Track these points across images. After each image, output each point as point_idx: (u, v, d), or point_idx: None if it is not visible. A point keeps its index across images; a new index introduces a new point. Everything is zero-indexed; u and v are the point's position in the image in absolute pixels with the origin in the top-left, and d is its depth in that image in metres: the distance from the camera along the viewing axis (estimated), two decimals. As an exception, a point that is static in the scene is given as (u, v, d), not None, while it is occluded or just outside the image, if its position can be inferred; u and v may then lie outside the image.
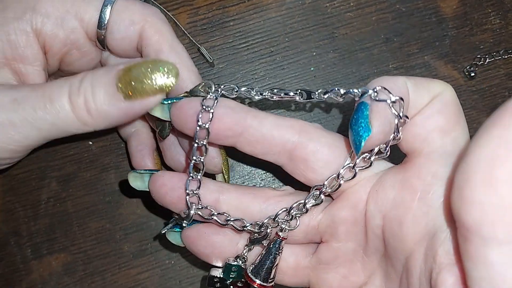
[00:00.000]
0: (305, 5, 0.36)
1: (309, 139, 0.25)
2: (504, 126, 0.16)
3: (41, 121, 0.24)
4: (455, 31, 0.36)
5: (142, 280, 0.35)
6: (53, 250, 0.35)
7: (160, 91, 0.24)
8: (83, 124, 0.25)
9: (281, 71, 0.36)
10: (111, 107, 0.24)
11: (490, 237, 0.16)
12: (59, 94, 0.24)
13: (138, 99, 0.24)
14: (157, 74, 0.24)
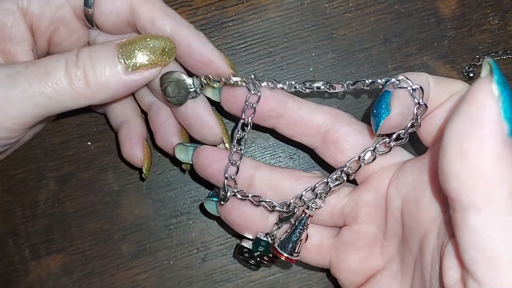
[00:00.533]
0: (304, 6, 0.36)
1: (342, 124, 0.28)
2: (469, 103, 0.18)
3: (37, 95, 0.24)
4: (454, 31, 0.36)
5: (140, 280, 0.35)
6: (51, 251, 0.35)
7: (159, 63, 0.26)
8: (81, 97, 0.25)
9: (280, 72, 0.36)
10: (111, 79, 0.25)
11: (469, 204, 0.18)
12: (55, 68, 0.24)
13: (138, 71, 0.26)
14: (156, 48, 0.26)
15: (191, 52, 0.28)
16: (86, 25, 0.28)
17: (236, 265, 0.35)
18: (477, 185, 0.18)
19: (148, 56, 0.26)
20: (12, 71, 0.24)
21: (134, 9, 0.27)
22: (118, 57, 0.25)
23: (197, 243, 0.35)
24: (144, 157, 0.31)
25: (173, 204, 0.35)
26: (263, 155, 0.36)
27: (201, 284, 0.35)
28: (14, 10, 0.26)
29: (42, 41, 0.28)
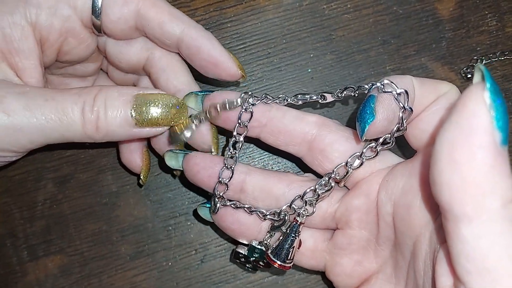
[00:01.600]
0: (303, 7, 0.36)
1: (328, 132, 0.28)
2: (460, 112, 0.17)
3: (50, 130, 0.25)
4: (452, 33, 0.36)
5: (138, 282, 0.35)
6: (49, 252, 0.35)
7: (169, 124, 0.27)
8: (88, 137, 0.26)
9: (278, 73, 0.36)
10: (120, 129, 0.26)
11: (460, 214, 0.18)
12: (72, 110, 0.25)
13: (147, 127, 0.26)
14: (168, 108, 0.26)
15: (201, 53, 0.29)
16: (94, 32, 0.29)
17: (235, 266, 0.35)
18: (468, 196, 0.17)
19: (159, 115, 0.26)
20: (30, 102, 0.25)
21: (142, 14, 0.28)
22: (131, 112, 0.26)
23: (196, 244, 0.35)
24: (143, 164, 0.32)
25: (172, 205, 0.35)
26: (262, 156, 0.36)
27: (199, 285, 0.35)
28: (22, 24, 0.26)
29: (51, 51, 0.28)
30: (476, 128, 0.17)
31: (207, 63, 0.29)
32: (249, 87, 0.36)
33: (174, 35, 0.28)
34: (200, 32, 0.28)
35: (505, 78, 0.37)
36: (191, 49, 0.28)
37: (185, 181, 0.32)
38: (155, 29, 0.28)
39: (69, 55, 0.29)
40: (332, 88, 0.36)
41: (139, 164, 0.32)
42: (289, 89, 0.36)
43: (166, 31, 0.28)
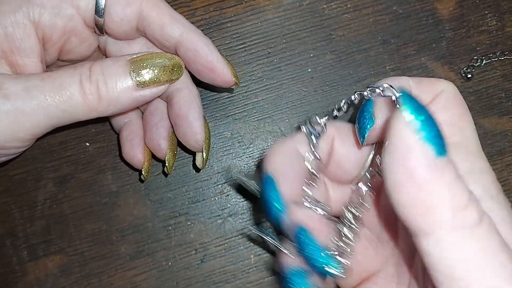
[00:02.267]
0: (302, 6, 0.36)
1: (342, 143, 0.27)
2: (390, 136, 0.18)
3: (52, 107, 0.25)
4: (452, 32, 0.36)
5: (138, 282, 0.35)
6: (49, 252, 0.35)
7: (169, 81, 0.27)
8: (92, 110, 0.26)
9: (278, 73, 0.36)
10: (122, 95, 0.26)
11: (417, 231, 0.18)
12: (69, 82, 0.25)
13: (148, 88, 0.27)
14: (165, 66, 0.27)
15: (198, 57, 0.29)
16: (96, 32, 0.29)
17: (235, 265, 0.35)
18: (418, 213, 0.18)
19: (158, 73, 0.27)
20: (28, 84, 0.25)
21: (144, 15, 0.28)
22: (130, 74, 0.26)
23: (196, 244, 0.35)
24: (144, 159, 0.32)
25: (172, 205, 0.35)
26: (262, 155, 0.36)
27: (199, 285, 0.35)
28: (25, 23, 0.26)
29: (53, 50, 0.28)
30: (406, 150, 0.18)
31: (203, 67, 0.30)
32: (249, 87, 0.36)
33: (173, 38, 0.29)
34: (199, 36, 0.29)
35: (505, 78, 0.37)
36: (189, 52, 0.29)
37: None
38: (156, 30, 0.29)
39: (71, 54, 0.29)
40: (332, 88, 0.36)
41: (140, 159, 0.32)
42: (289, 89, 0.36)
43: (166, 33, 0.29)
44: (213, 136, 0.36)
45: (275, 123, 0.36)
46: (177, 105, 0.30)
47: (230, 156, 0.36)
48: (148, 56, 0.27)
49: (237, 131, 0.36)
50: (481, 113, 0.36)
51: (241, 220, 0.35)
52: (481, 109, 0.36)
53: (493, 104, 0.36)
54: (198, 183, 0.35)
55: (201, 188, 0.35)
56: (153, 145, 0.31)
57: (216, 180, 0.36)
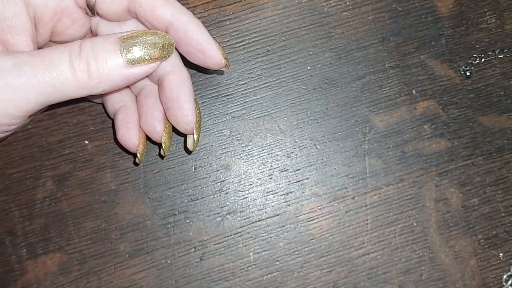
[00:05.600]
0: (302, 4, 0.36)
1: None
2: None
3: (42, 84, 0.25)
4: (451, 30, 0.36)
5: (138, 280, 0.35)
6: (48, 250, 0.35)
7: (159, 59, 0.27)
8: (83, 87, 0.26)
9: (277, 70, 0.36)
10: (113, 71, 0.26)
11: None
12: (59, 58, 0.25)
13: (139, 65, 0.26)
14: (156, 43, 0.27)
15: (189, 39, 0.29)
16: (87, 13, 0.29)
17: (234, 263, 0.35)
18: None
19: (148, 51, 0.26)
20: (18, 60, 0.25)
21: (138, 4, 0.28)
22: (120, 51, 0.26)
23: (195, 242, 0.35)
24: (139, 142, 0.32)
25: (171, 203, 0.35)
26: (261, 153, 0.36)
27: (198, 283, 0.35)
28: (16, 1, 0.26)
29: (44, 30, 0.28)
30: None
31: (194, 49, 0.29)
32: (248, 84, 0.36)
33: (164, 19, 0.29)
34: (190, 18, 0.29)
35: (504, 76, 0.37)
36: (180, 34, 0.29)
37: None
38: (147, 12, 0.29)
39: (62, 36, 0.29)
40: (331, 86, 0.36)
41: (135, 142, 0.31)
42: (288, 87, 0.36)
43: (157, 15, 0.29)
44: (211, 134, 0.36)
45: (274, 121, 0.36)
46: (168, 87, 0.30)
47: (229, 154, 0.36)
48: (139, 33, 0.27)
49: (236, 129, 0.36)
50: (480, 111, 0.36)
51: (240, 218, 0.35)
52: (480, 106, 0.36)
53: (492, 101, 0.36)
54: (197, 181, 0.35)
55: (200, 186, 0.35)
56: (149, 128, 0.31)
57: (215, 178, 0.36)
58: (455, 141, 0.36)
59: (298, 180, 0.36)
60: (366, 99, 0.36)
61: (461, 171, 0.36)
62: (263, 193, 0.36)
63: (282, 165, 0.36)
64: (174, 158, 0.36)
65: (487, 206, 0.36)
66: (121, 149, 0.35)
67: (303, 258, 0.35)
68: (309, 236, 0.35)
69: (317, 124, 0.36)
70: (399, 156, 0.36)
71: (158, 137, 0.31)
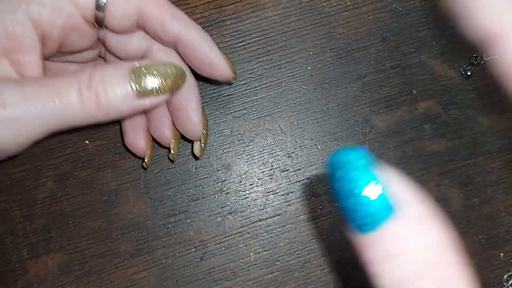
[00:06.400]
0: (302, 4, 0.36)
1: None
2: None
3: (50, 116, 0.25)
4: (452, 30, 0.36)
5: (138, 279, 0.35)
6: (49, 250, 0.35)
7: (171, 92, 0.26)
8: (91, 118, 0.26)
9: (278, 70, 0.36)
10: (122, 103, 0.26)
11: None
12: (67, 90, 0.25)
13: (150, 97, 0.26)
14: (167, 75, 0.26)
15: (197, 54, 0.30)
16: (95, 27, 0.29)
17: (234, 263, 0.35)
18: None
19: (159, 83, 0.26)
20: (26, 92, 0.25)
21: (144, 12, 0.28)
22: (130, 83, 0.26)
23: (195, 241, 0.35)
24: (147, 148, 0.33)
25: (171, 202, 0.35)
26: (261, 153, 0.36)
27: (199, 283, 0.35)
28: (24, 21, 0.26)
29: (52, 45, 0.28)
30: None
31: (202, 63, 0.30)
32: (249, 84, 0.36)
33: (173, 34, 0.29)
34: (198, 33, 0.29)
35: (505, 76, 0.36)
36: (188, 48, 0.29)
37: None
38: (156, 27, 0.29)
39: (70, 47, 0.29)
40: (331, 86, 0.36)
41: (143, 148, 0.33)
42: (289, 87, 0.36)
43: (166, 30, 0.29)
44: (212, 134, 0.36)
45: (275, 121, 0.36)
46: (175, 96, 0.31)
47: (230, 154, 0.36)
48: (150, 64, 0.26)
49: (236, 129, 0.36)
50: (481, 111, 0.36)
51: (241, 218, 0.35)
52: (480, 106, 0.36)
53: (493, 101, 0.36)
54: (198, 181, 0.35)
55: (200, 186, 0.35)
56: (158, 134, 0.32)
57: (215, 178, 0.36)
58: (456, 141, 0.36)
59: (299, 180, 0.36)
60: (366, 99, 0.36)
61: (462, 171, 0.36)
62: (263, 193, 0.36)
63: (282, 165, 0.36)
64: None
65: (487, 206, 0.36)
66: (127, 151, 0.35)
67: (304, 258, 0.35)
68: (309, 236, 0.35)
69: (317, 124, 0.36)
70: (400, 156, 0.36)
71: (167, 143, 0.32)
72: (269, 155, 0.36)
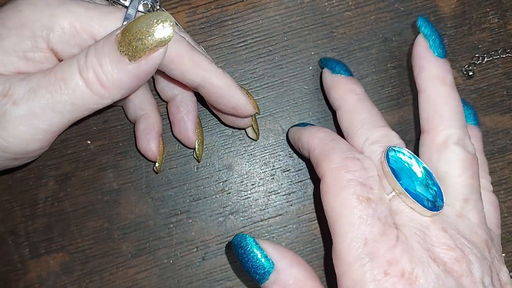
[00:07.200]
0: (304, 4, 0.36)
1: None
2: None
3: (60, 103, 0.24)
4: (454, 30, 0.36)
5: (140, 279, 0.35)
6: (50, 250, 0.35)
7: (161, 44, 0.24)
8: (101, 98, 0.25)
9: (279, 70, 0.36)
10: (120, 74, 0.24)
11: None
12: (70, 73, 0.24)
13: (143, 58, 0.24)
14: (154, 28, 0.24)
15: (220, 99, 0.30)
16: None
17: (236, 263, 0.35)
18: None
19: (148, 39, 0.24)
20: (32, 83, 0.24)
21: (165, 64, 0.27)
22: (120, 51, 0.24)
23: (197, 241, 0.35)
24: (159, 153, 0.34)
25: (173, 202, 0.35)
26: (263, 153, 0.36)
27: (201, 283, 0.35)
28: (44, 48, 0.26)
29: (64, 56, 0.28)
30: None
31: (225, 106, 0.30)
32: (250, 84, 0.36)
33: (194, 83, 0.29)
34: (221, 79, 0.29)
35: (507, 76, 0.36)
36: (211, 94, 0.29)
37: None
38: (177, 75, 0.28)
39: None
40: (333, 86, 0.36)
41: (155, 152, 0.33)
42: (290, 87, 0.36)
43: (187, 78, 0.28)
44: (214, 134, 0.36)
45: (276, 121, 0.36)
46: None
47: (231, 154, 0.36)
48: (134, 22, 0.24)
49: (238, 129, 0.36)
50: (483, 111, 0.36)
51: (242, 218, 0.35)
52: (482, 107, 0.36)
53: (495, 102, 0.36)
54: (199, 181, 0.35)
55: (202, 186, 0.35)
56: (182, 137, 0.34)
57: (217, 178, 0.36)
58: (458, 141, 0.36)
59: (300, 180, 0.36)
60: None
61: (464, 171, 0.36)
62: (265, 193, 0.36)
63: (284, 165, 0.36)
64: (176, 158, 0.36)
65: (489, 206, 0.36)
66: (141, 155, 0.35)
67: (305, 258, 0.35)
68: (311, 236, 0.35)
69: (319, 124, 0.36)
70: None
71: (191, 145, 0.34)
72: (271, 155, 0.36)
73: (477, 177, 0.29)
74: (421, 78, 0.30)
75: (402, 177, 0.26)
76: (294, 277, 0.26)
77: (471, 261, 0.25)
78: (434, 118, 0.29)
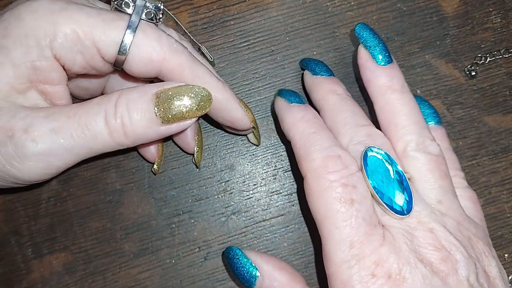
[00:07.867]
0: (306, 4, 0.36)
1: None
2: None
3: (79, 147, 0.26)
4: (456, 30, 0.36)
5: (142, 279, 0.35)
6: (53, 250, 0.35)
7: (196, 115, 0.26)
8: (119, 145, 0.26)
9: (281, 70, 0.36)
10: (148, 130, 0.26)
11: None
12: (95, 120, 0.25)
13: (175, 123, 0.26)
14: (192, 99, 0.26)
15: (219, 112, 0.30)
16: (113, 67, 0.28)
17: (238, 263, 0.35)
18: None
19: (184, 108, 0.26)
20: (55, 124, 0.25)
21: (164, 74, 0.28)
22: (155, 111, 0.26)
23: (199, 241, 0.35)
24: (157, 155, 0.34)
25: (175, 203, 0.35)
26: (265, 153, 0.36)
27: (203, 283, 0.35)
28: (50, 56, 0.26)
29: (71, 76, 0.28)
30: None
31: (223, 120, 0.31)
32: (253, 85, 0.36)
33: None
34: (220, 93, 0.29)
35: (510, 76, 0.36)
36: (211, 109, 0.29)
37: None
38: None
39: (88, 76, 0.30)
40: (335, 86, 0.36)
41: (154, 154, 0.34)
42: (293, 87, 0.36)
43: None
44: (216, 135, 0.36)
45: (279, 121, 0.36)
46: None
47: (234, 154, 0.36)
48: (174, 90, 0.26)
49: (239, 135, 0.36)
50: (486, 111, 0.36)
51: (245, 218, 0.35)
52: (485, 107, 0.36)
53: (498, 101, 0.36)
54: (202, 181, 0.36)
55: (204, 186, 0.35)
56: (182, 144, 0.34)
57: (219, 178, 0.36)
58: (460, 141, 0.36)
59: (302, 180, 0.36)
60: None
61: (466, 171, 0.36)
62: (267, 193, 0.36)
63: (286, 165, 0.36)
64: (178, 158, 0.36)
65: (492, 206, 0.36)
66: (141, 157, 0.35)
67: (307, 259, 0.35)
68: (313, 236, 0.35)
69: (321, 124, 0.36)
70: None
71: (190, 151, 0.34)
72: (273, 155, 0.36)
73: (446, 176, 0.28)
74: (370, 90, 0.31)
75: (375, 178, 0.26)
76: (278, 280, 0.28)
77: (457, 260, 0.25)
78: (389, 128, 0.30)
